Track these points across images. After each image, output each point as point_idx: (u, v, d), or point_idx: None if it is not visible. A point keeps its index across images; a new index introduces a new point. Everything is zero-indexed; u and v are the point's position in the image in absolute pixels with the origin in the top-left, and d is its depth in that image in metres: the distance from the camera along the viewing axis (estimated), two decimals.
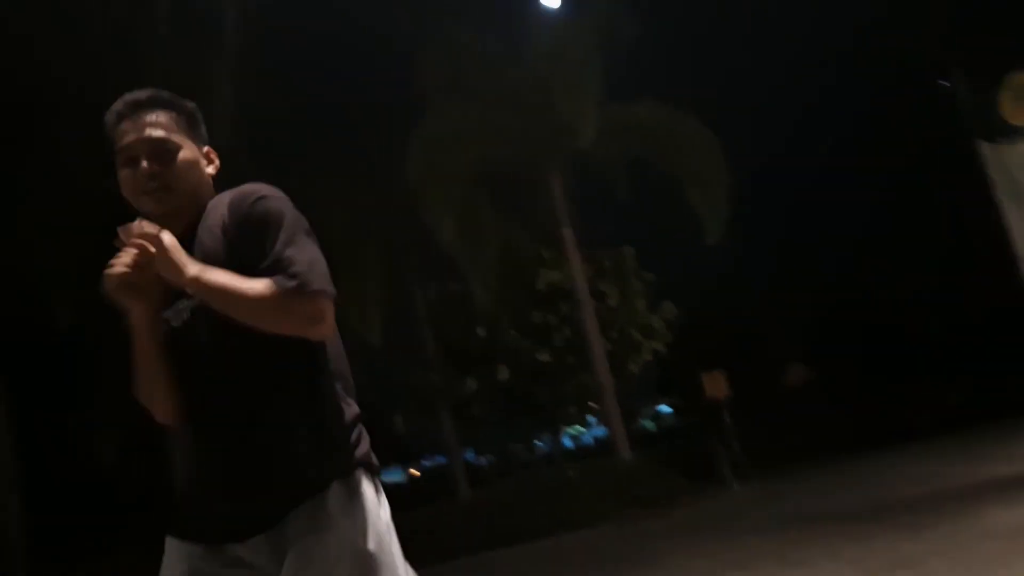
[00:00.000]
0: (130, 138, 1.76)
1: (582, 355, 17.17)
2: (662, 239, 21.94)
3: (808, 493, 12.21)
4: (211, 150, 1.90)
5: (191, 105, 1.88)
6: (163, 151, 1.77)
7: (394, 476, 36.36)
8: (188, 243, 1.73)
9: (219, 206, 1.79)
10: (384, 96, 17.26)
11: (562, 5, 18.24)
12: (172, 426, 1.76)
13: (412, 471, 37.61)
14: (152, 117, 1.79)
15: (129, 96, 1.81)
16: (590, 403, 20.19)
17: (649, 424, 35.04)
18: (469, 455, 29.61)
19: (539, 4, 19.09)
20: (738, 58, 29.55)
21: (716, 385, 17.76)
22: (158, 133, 1.77)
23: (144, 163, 1.75)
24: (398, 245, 17.99)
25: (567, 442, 31.07)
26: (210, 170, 1.88)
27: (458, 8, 17.17)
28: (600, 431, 28.99)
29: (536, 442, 28.51)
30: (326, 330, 1.72)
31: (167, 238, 1.67)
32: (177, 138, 1.80)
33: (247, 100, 15.79)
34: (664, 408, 36.80)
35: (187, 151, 1.81)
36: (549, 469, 19.81)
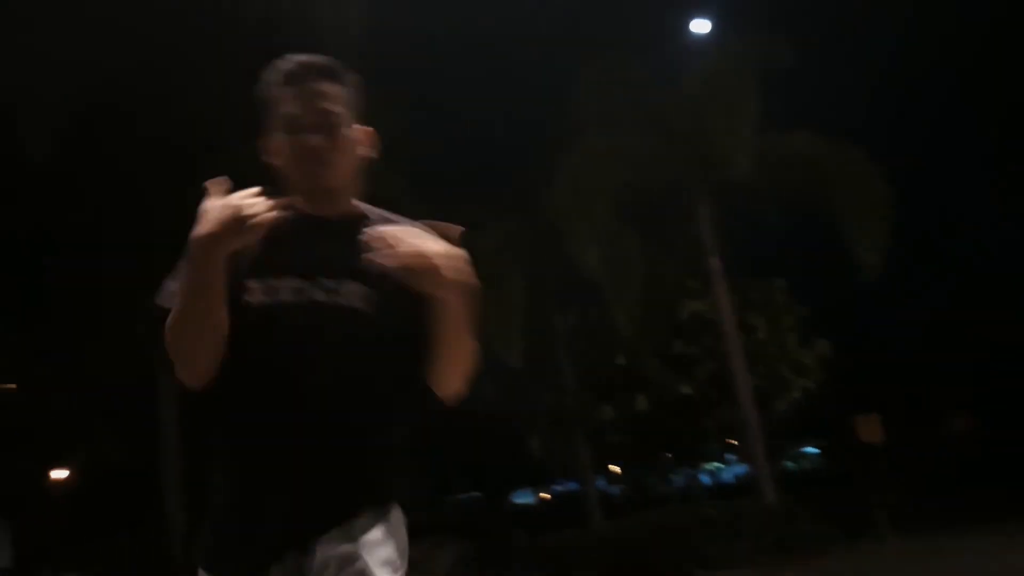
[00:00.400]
0: (298, 106, 1.67)
1: (726, 389, 16.63)
2: (816, 272, 21.07)
3: (970, 551, 11.28)
4: (371, 132, 1.81)
5: (357, 80, 1.78)
6: (332, 126, 1.69)
7: (524, 498, 36.45)
8: (353, 222, 1.71)
9: (379, 220, 1.74)
10: (531, 122, 17.50)
11: (717, 32, 17.99)
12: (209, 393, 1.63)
13: (542, 495, 37.54)
14: (324, 87, 1.69)
15: (301, 58, 1.72)
16: (732, 440, 19.52)
17: (794, 465, 33.52)
18: (601, 483, 29.25)
19: (691, 31, 18.92)
20: (901, 89, 28.18)
21: (871, 429, 16.75)
22: (329, 105, 1.69)
23: (311, 135, 1.67)
24: (540, 269, 18.11)
25: (704, 478, 30.16)
26: (369, 153, 1.80)
27: (610, 34, 17.21)
28: (740, 469, 27.98)
29: (673, 476, 27.82)
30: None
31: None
32: (345, 115, 1.72)
33: (395, 124, 16.43)
34: (810, 450, 35.13)
35: (353, 128, 1.74)
36: (686, 505, 19.27)
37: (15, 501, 19.80)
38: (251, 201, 1.54)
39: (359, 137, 1.77)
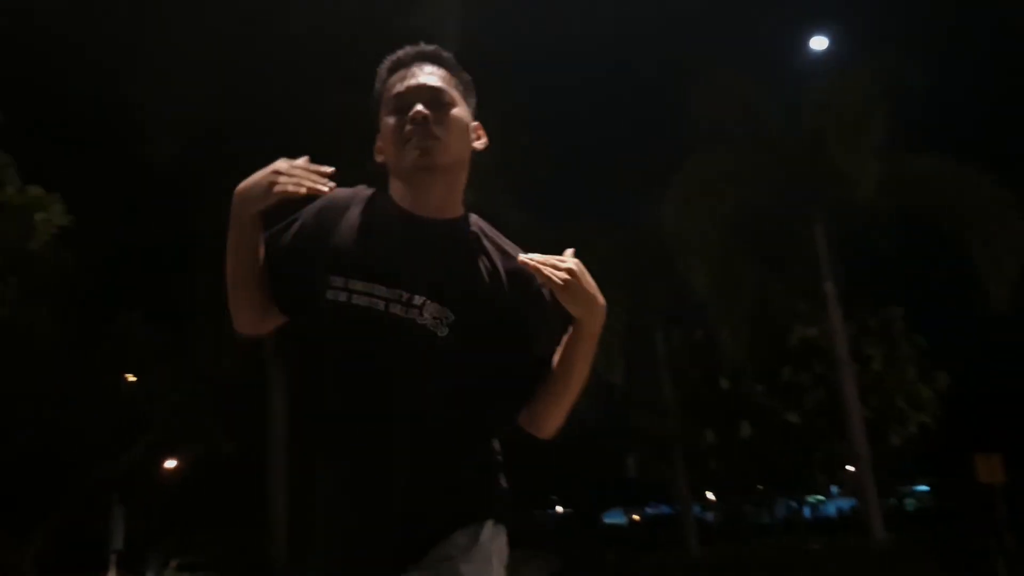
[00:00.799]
0: (405, 84, 1.62)
1: (836, 420, 15.98)
2: (938, 302, 20.08)
3: None
4: (480, 126, 1.72)
5: (468, 76, 1.73)
6: (439, 101, 1.61)
7: (616, 518, 36.00)
8: (457, 231, 1.63)
9: (500, 239, 1.67)
10: (641, 139, 17.34)
11: (836, 49, 17.44)
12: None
13: (634, 516, 37.00)
14: (430, 68, 1.65)
15: (410, 48, 1.68)
16: (841, 472, 18.74)
17: (911, 503, 31.95)
18: (696, 509, 28.55)
19: (810, 49, 18.40)
20: None
21: (991, 469, 15.77)
22: (436, 82, 1.63)
23: (418, 106, 1.58)
24: (646, 288, 17.88)
25: (805, 511, 29.10)
26: (478, 144, 1.70)
27: (723, 51, 16.90)
28: (843, 503, 26.85)
29: (773, 506, 26.93)
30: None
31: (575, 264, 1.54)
32: (455, 94, 1.66)
33: (505, 139, 16.56)
34: (920, 487, 33.43)
35: (462, 111, 1.65)
36: (787, 537, 18.61)
37: (129, 487, 20.73)
38: (293, 166, 1.53)
39: (470, 120, 1.68)
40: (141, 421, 19.20)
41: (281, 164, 1.54)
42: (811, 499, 30.11)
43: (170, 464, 22.47)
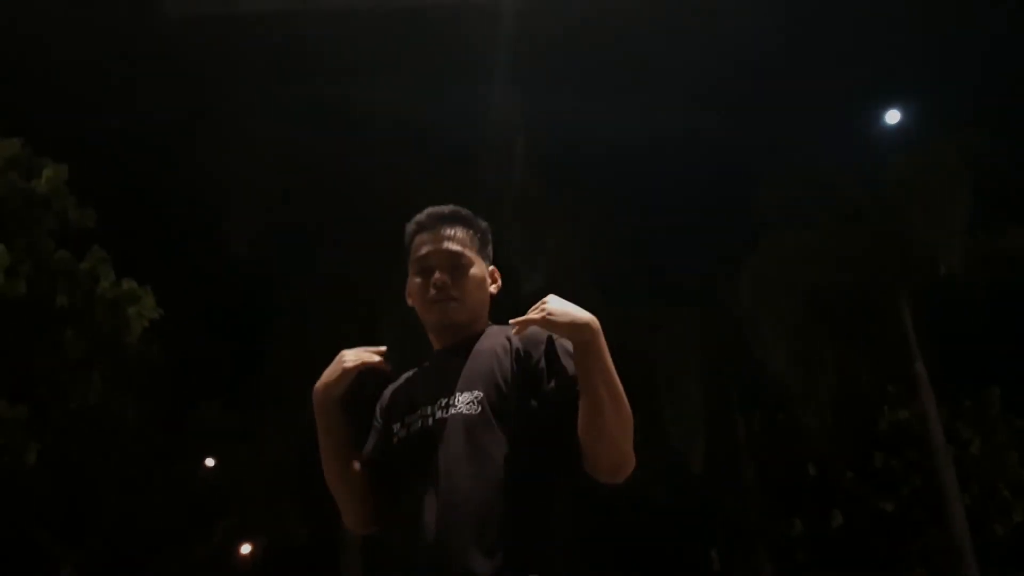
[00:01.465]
0: (427, 249, 1.84)
1: (934, 509, 15.08)
2: None
3: None
4: (495, 270, 1.93)
5: (485, 224, 1.93)
6: (457, 264, 1.83)
7: None
8: (461, 353, 1.81)
9: (500, 335, 1.82)
10: (717, 219, 17.21)
11: (913, 125, 17.18)
12: (372, 529, 1.85)
13: None
14: (451, 231, 1.86)
15: (432, 210, 1.90)
16: (942, 564, 17.56)
17: None
18: None
19: (885, 123, 18.17)
20: None
21: None
22: (454, 247, 1.84)
23: (437, 273, 1.81)
24: (723, 370, 17.46)
25: None
26: (492, 289, 1.91)
27: (801, 130, 16.80)
28: None
29: None
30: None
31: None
32: (471, 254, 1.86)
33: (576, 223, 16.61)
34: None
35: (478, 268, 1.86)
36: None
37: (208, 572, 20.80)
38: (355, 352, 1.80)
39: (485, 275, 1.89)
40: (220, 506, 19.39)
41: (345, 352, 1.81)
42: None
43: (246, 550, 22.53)
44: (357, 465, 1.85)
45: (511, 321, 1.73)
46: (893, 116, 17.81)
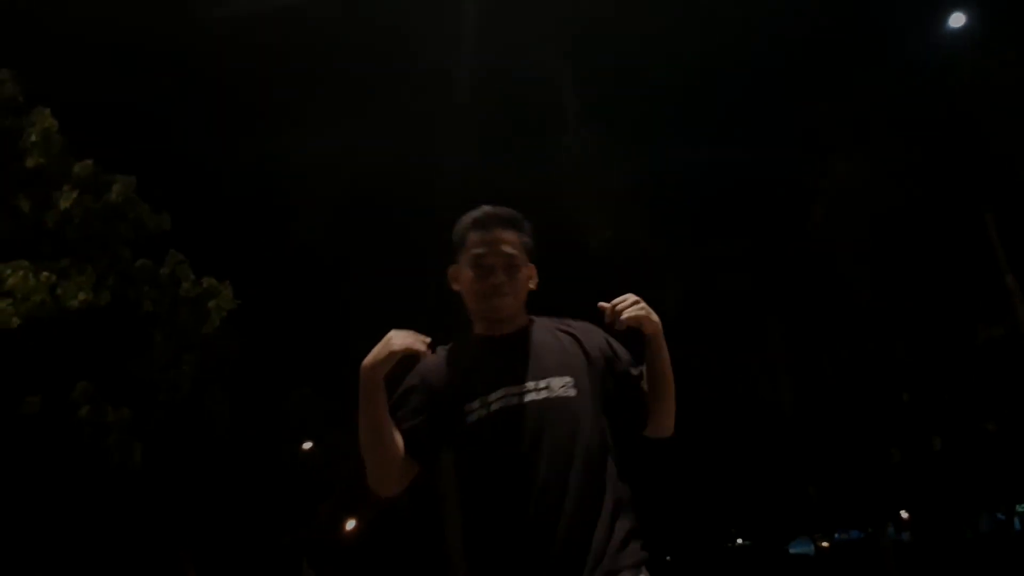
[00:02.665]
0: (485, 249, 2.06)
1: None
2: None
3: None
4: (534, 268, 2.16)
5: (530, 226, 2.17)
6: (511, 266, 2.07)
7: (802, 547, 34.14)
8: (521, 341, 2.08)
9: (560, 322, 2.17)
10: (784, 149, 16.67)
11: (979, 28, 16.23)
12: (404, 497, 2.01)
13: (823, 543, 34.95)
14: (505, 234, 2.09)
15: (489, 210, 2.12)
16: None
17: None
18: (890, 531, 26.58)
19: (949, 28, 17.21)
20: None
21: None
22: (509, 250, 2.07)
23: (498, 274, 2.05)
24: (802, 303, 17.08)
25: (1016, 523, 26.53)
26: (532, 285, 2.16)
27: (863, 41, 16.04)
28: None
29: (978, 521, 24.71)
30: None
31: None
32: (521, 258, 2.10)
33: (634, 163, 16.35)
34: None
35: (525, 270, 2.11)
36: (1001, 552, 16.99)
37: (317, 547, 21.65)
38: (402, 334, 1.91)
39: (529, 274, 2.14)
40: (323, 486, 20.06)
41: (394, 334, 1.93)
42: (1021, 508, 27.45)
43: (352, 524, 23.31)
44: (394, 435, 1.99)
45: (605, 306, 2.02)
46: (957, 19, 16.85)
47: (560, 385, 2.00)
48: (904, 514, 25.56)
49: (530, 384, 1.99)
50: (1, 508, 11.16)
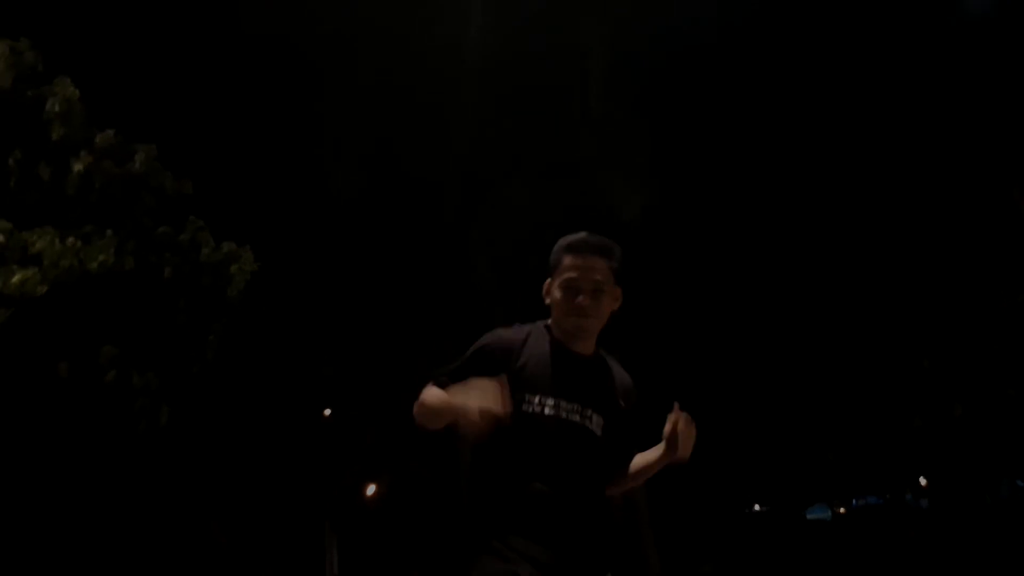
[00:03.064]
0: (577, 273, 2.32)
1: None
2: None
3: None
4: (619, 290, 2.40)
5: (620, 253, 2.40)
6: (597, 291, 2.32)
7: (819, 513, 34.25)
8: (598, 368, 2.40)
9: (618, 369, 2.47)
10: None
11: None
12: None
13: (840, 509, 35.02)
14: (596, 262, 2.33)
15: (588, 237, 2.38)
16: None
17: None
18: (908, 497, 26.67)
19: None
20: None
21: None
22: (597, 277, 2.32)
23: (583, 296, 2.30)
24: (828, 270, 16.96)
25: None
26: (615, 306, 2.41)
27: None
28: None
29: (998, 487, 24.64)
30: None
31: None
32: (607, 285, 2.34)
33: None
34: None
35: (609, 296, 2.36)
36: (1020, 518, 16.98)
37: (339, 514, 21.93)
38: (484, 402, 2.07)
39: (613, 299, 2.39)
40: (350, 452, 20.27)
41: (473, 402, 2.09)
42: None
43: (372, 490, 23.59)
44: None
45: (676, 416, 2.30)
46: None
47: (596, 422, 2.33)
48: (923, 481, 25.57)
49: (578, 407, 2.30)
50: (31, 476, 11.38)
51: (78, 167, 10.51)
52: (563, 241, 2.39)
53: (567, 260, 2.34)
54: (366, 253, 16.25)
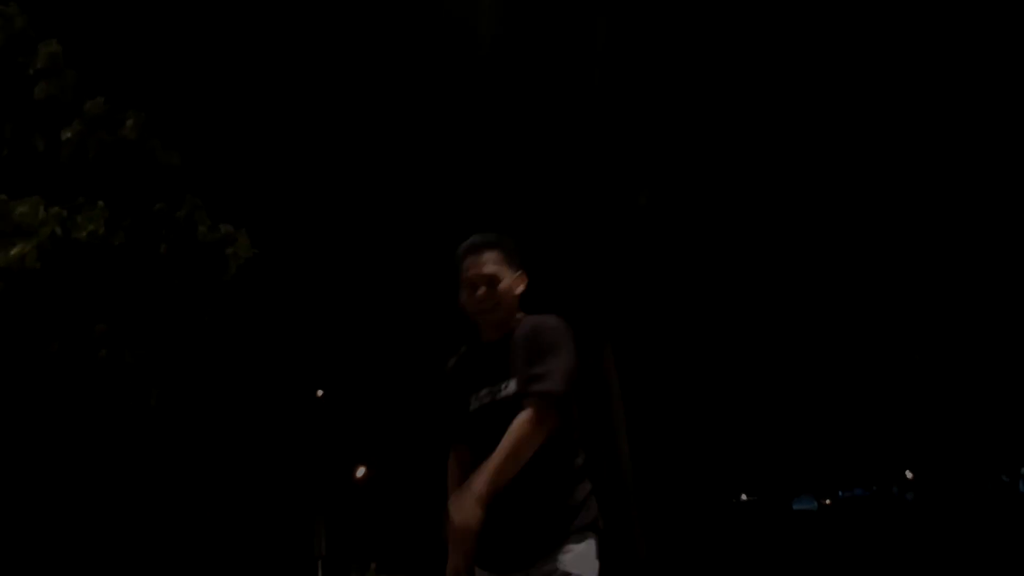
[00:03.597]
0: (471, 271, 2.48)
1: None
2: None
3: None
4: (523, 273, 2.57)
5: (511, 241, 2.56)
6: (490, 281, 2.47)
7: (805, 504, 34.54)
8: (504, 346, 2.48)
9: (525, 325, 2.48)
10: None
11: None
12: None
13: (826, 500, 35.33)
14: (485, 256, 2.49)
15: (475, 239, 2.54)
16: None
17: None
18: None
19: None
20: None
21: None
22: (487, 270, 2.47)
23: (481, 290, 2.46)
24: (814, 263, 16.97)
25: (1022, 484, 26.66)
26: (519, 289, 2.55)
27: None
28: None
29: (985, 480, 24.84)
30: (552, 425, 2.29)
31: (460, 521, 2.15)
32: (500, 271, 2.48)
33: None
34: None
35: (506, 281, 2.49)
36: (1004, 513, 17.12)
37: (326, 495, 21.96)
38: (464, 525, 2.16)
39: (511, 284, 2.52)
40: (334, 434, 20.29)
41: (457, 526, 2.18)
42: None
43: (360, 473, 23.63)
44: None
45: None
46: None
47: (510, 387, 2.41)
48: (909, 474, 25.76)
49: (488, 389, 2.46)
50: (21, 456, 11.33)
51: (67, 134, 10.38)
52: (458, 250, 2.58)
53: (463, 264, 2.52)
54: (361, 236, 16.19)
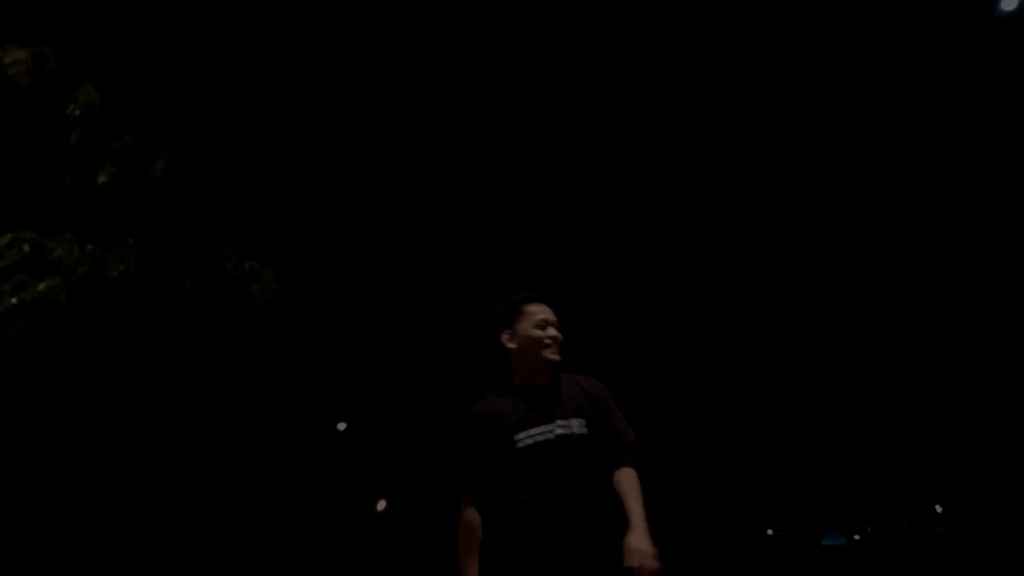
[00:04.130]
0: (547, 315, 2.85)
1: None
2: None
3: None
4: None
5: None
6: (559, 327, 2.86)
7: (834, 540, 33.93)
8: (554, 390, 2.79)
9: (575, 379, 2.85)
10: None
11: None
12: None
13: (855, 536, 34.67)
14: (549, 307, 2.88)
15: (536, 294, 2.89)
16: None
17: None
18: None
19: None
20: None
21: None
22: (556, 319, 2.88)
23: (557, 331, 2.82)
24: (836, 302, 16.81)
25: None
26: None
27: None
28: None
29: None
30: None
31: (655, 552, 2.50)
32: None
33: None
34: None
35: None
36: None
37: (348, 527, 21.89)
38: None
39: None
40: (357, 466, 20.25)
41: None
42: None
43: (381, 506, 23.54)
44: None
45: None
46: None
47: (578, 425, 2.70)
48: (938, 508, 25.24)
49: (560, 422, 2.69)
50: (41, 488, 11.41)
51: (103, 179, 10.60)
52: (514, 299, 2.90)
53: (531, 308, 2.86)
54: (385, 272, 16.28)
